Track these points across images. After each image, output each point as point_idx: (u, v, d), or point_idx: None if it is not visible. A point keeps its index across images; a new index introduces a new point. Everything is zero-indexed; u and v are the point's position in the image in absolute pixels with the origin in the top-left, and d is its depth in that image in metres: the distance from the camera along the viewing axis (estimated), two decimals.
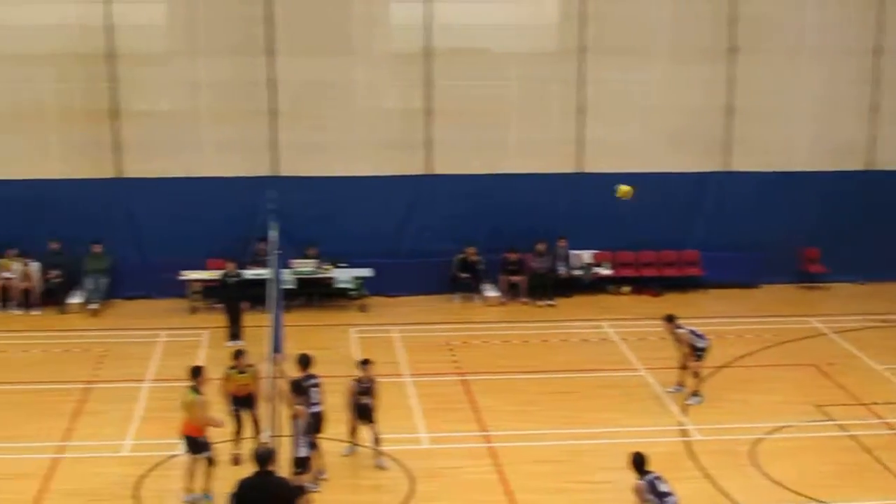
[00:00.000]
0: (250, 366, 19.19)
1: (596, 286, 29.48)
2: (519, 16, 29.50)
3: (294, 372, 18.57)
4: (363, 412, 18.95)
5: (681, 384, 22.32)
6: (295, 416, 17.55)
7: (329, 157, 29.06)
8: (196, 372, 17.81)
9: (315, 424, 18.15)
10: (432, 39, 28.74)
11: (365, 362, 19.19)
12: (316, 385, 18.56)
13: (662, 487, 15.29)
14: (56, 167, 28.44)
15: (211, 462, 17.51)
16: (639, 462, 15.47)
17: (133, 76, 28.39)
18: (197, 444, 17.51)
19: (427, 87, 28.96)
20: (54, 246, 28.03)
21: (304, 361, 18.65)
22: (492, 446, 19.88)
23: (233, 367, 19.18)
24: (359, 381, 19.00)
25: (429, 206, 29.23)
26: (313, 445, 17.83)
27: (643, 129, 29.77)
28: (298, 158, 28.90)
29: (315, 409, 18.28)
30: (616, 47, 29.26)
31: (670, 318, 22.17)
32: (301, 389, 18.00)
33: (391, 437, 19.25)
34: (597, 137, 29.52)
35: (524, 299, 28.71)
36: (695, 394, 22.00)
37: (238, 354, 19.38)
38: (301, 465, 17.24)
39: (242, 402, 19.05)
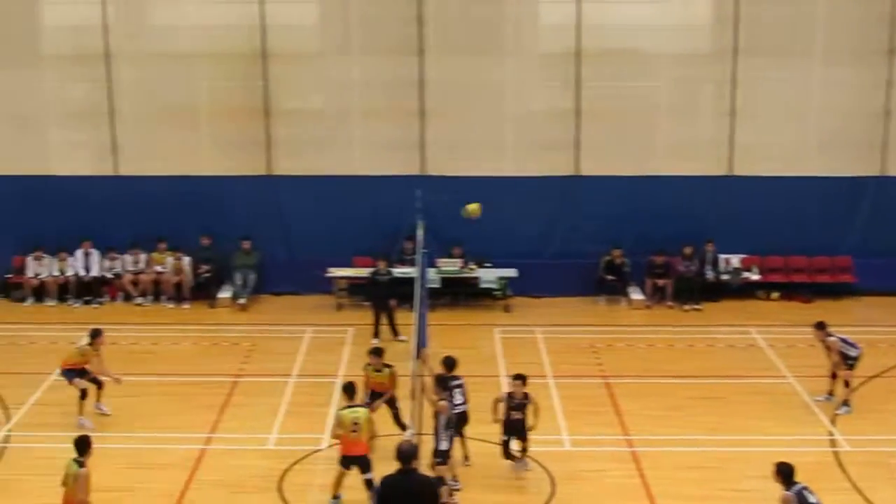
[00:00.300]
0: (387, 366, 19.24)
1: (744, 291, 28.97)
2: (670, 16, 29.11)
3: (439, 371, 18.64)
4: (513, 427, 18.54)
5: (831, 393, 21.83)
6: (437, 411, 17.56)
7: (476, 156, 29.07)
8: (351, 390, 17.72)
9: (458, 423, 18.19)
10: (582, 40, 28.55)
11: (517, 377, 18.62)
12: (460, 386, 18.58)
13: (811, 499, 14.92)
14: (208, 164, 28.99)
15: (371, 485, 16.81)
16: (786, 472, 15.12)
17: (285, 75, 28.80)
18: (364, 463, 17.14)
19: (576, 87, 28.79)
20: (205, 241, 28.58)
21: (450, 364, 18.67)
22: (635, 450, 19.67)
23: (369, 364, 19.29)
24: (510, 395, 18.61)
25: (575, 208, 29.05)
26: (455, 438, 17.85)
27: (796, 131, 29.15)
28: (446, 157, 28.98)
29: (459, 409, 18.29)
30: (769, 48, 28.71)
31: (821, 326, 21.70)
32: (445, 384, 18.02)
33: (533, 439, 19.15)
34: (748, 140, 28.99)
35: (670, 303, 28.38)
36: (845, 403, 21.49)
37: (374, 353, 19.45)
38: (441, 456, 17.28)
39: (380, 397, 19.14)
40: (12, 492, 17.89)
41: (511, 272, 28.20)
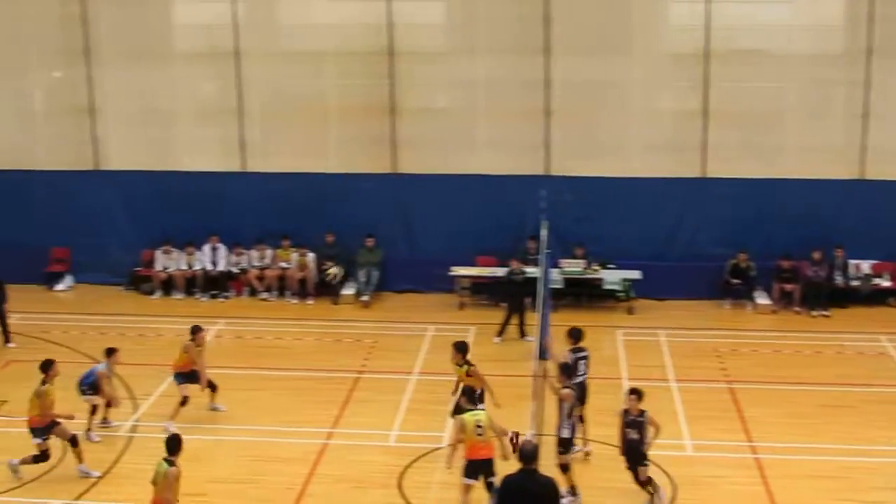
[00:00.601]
0: (469, 363, 18.97)
1: (874, 298, 28.34)
2: (802, 17, 28.62)
3: (565, 345, 18.75)
4: (629, 448, 17.54)
5: None
6: (561, 399, 17.43)
7: (601, 157, 28.88)
8: (471, 393, 17.62)
9: (580, 396, 18.23)
10: (711, 40, 28.18)
11: (633, 392, 17.64)
12: (584, 358, 18.66)
13: None
14: (334, 161, 29.23)
15: (492, 487, 16.44)
16: None
17: (411, 73, 28.89)
18: (490, 466, 16.60)
19: (704, 88, 28.43)
20: (329, 238, 28.80)
21: (576, 335, 18.80)
22: (758, 457, 19.36)
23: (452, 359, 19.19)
24: (626, 412, 17.68)
25: (701, 210, 28.71)
26: (578, 422, 17.73)
27: None
28: (570, 158, 28.82)
29: (579, 379, 18.37)
30: None
31: None
32: (568, 371, 17.89)
33: (655, 443, 19.00)
34: (881, 143, 28.36)
35: (797, 308, 27.86)
36: None
37: (457, 347, 19.19)
38: (564, 445, 17.23)
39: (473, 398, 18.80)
40: (138, 480, 18.19)
41: (635, 274, 27.95)
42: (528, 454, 13.78)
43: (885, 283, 28.35)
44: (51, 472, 18.43)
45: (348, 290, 28.56)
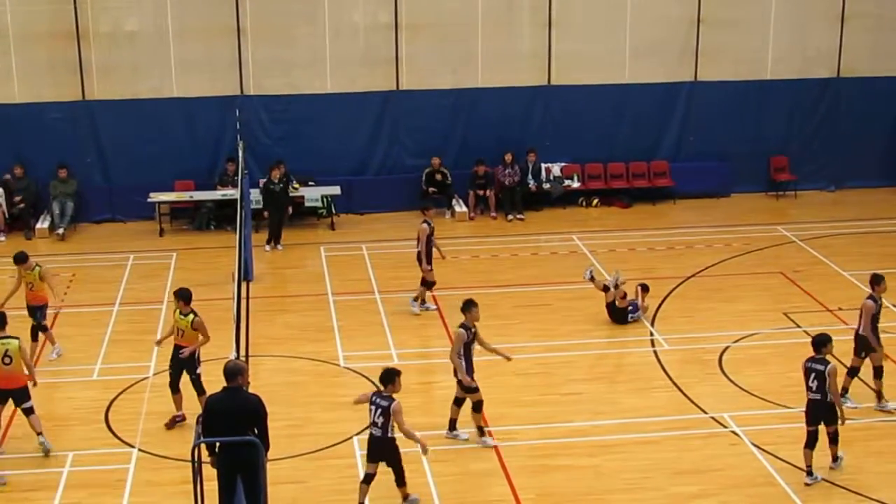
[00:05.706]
0: (195, 312, 17.68)
1: (566, 199, 29.42)
2: None
3: None
4: None
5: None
6: None
7: (296, 74, 28.77)
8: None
9: None
10: None
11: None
12: None
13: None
14: (18, 91, 28.04)
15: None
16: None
17: None
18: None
19: (395, 0, 28.60)
20: (18, 171, 27.71)
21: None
22: None
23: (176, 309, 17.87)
24: None
25: (397, 122, 29.07)
26: None
27: (612, 40, 29.50)
28: (265, 76, 28.60)
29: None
30: None
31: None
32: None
33: (358, 355, 19.28)
34: (566, 50, 29.31)
35: (493, 214, 28.63)
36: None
37: (180, 295, 17.84)
38: None
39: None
40: None
41: (334, 189, 28.10)
42: (230, 372, 13.72)
43: (575, 185, 29.46)
44: None
45: (42, 224, 27.61)
